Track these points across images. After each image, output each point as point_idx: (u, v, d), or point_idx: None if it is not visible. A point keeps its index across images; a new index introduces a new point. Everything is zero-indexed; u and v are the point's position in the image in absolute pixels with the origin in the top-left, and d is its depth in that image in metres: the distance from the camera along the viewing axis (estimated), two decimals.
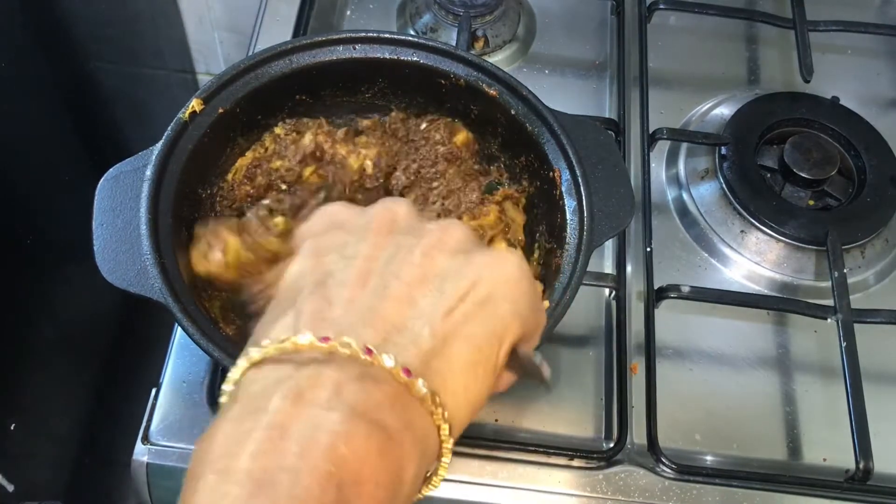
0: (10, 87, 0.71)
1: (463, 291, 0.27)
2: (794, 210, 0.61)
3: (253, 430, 0.23)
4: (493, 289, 0.28)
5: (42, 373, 0.77)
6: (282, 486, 0.22)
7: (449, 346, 0.26)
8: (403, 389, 0.25)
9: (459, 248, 0.29)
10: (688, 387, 0.56)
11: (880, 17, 0.78)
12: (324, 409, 0.23)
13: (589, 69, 0.72)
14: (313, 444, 0.23)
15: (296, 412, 0.23)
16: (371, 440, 0.23)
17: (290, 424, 0.23)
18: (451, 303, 0.27)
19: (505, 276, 0.28)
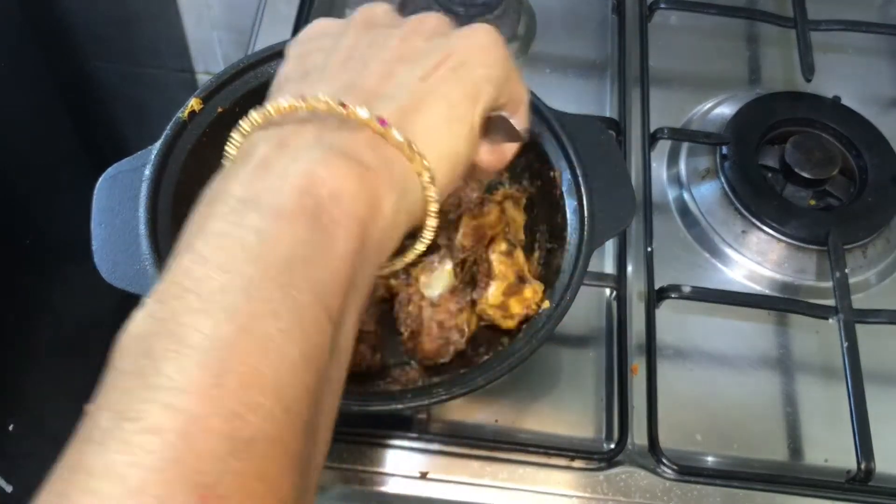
0: (9, 86, 0.71)
1: (438, 61, 0.29)
2: (795, 210, 0.61)
3: (241, 170, 0.26)
4: (467, 56, 0.29)
5: (41, 373, 0.77)
6: (264, 200, 0.25)
7: (424, 104, 0.28)
8: (380, 137, 0.27)
9: (437, 31, 0.30)
10: (689, 387, 0.56)
11: (882, 16, 0.78)
12: (304, 149, 0.26)
13: (589, 68, 0.71)
14: (294, 168, 0.25)
15: (279, 153, 0.26)
16: (348, 168, 0.25)
17: (274, 160, 0.26)
18: (426, 70, 0.28)
19: (478, 44, 0.30)
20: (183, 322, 0.22)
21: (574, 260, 0.48)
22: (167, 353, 0.21)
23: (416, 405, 0.43)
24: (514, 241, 0.52)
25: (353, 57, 0.29)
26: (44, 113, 0.80)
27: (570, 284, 0.46)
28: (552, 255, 0.52)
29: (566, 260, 0.49)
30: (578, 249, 0.48)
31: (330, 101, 0.26)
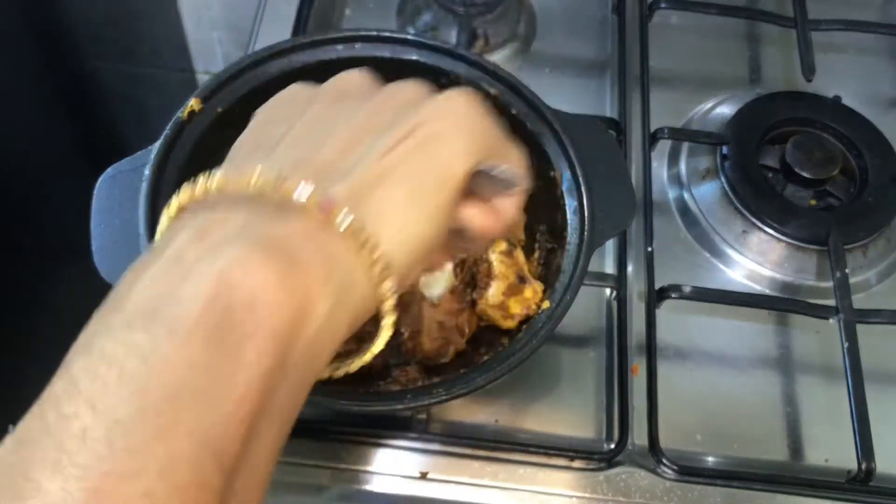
0: (9, 86, 0.71)
1: (406, 132, 0.25)
2: (795, 210, 0.61)
3: (152, 265, 0.22)
4: (439, 128, 0.25)
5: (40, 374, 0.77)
6: (162, 312, 0.20)
7: (384, 183, 0.24)
8: (322, 224, 0.23)
9: (409, 101, 0.26)
10: (689, 387, 0.55)
11: (882, 15, 0.77)
12: (224, 243, 0.22)
13: (590, 68, 0.71)
14: (205, 269, 0.21)
15: (196, 245, 0.22)
16: (269, 266, 0.21)
17: (187, 256, 0.22)
18: (391, 142, 0.25)
19: (453, 113, 0.26)
20: (30, 477, 0.18)
21: (574, 260, 0.48)
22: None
23: (416, 405, 0.43)
24: (514, 241, 0.52)
25: (315, 129, 0.26)
26: (43, 113, 0.80)
27: (571, 284, 0.46)
28: (552, 255, 0.52)
29: (566, 260, 0.48)
30: (579, 249, 0.48)
31: (267, 179, 0.23)
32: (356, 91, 0.28)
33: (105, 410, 0.19)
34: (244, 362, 0.20)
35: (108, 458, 0.18)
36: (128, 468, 0.18)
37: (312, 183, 0.23)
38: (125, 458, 0.18)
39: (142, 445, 0.19)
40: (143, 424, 0.19)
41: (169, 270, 0.22)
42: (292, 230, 0.22)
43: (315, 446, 0.51)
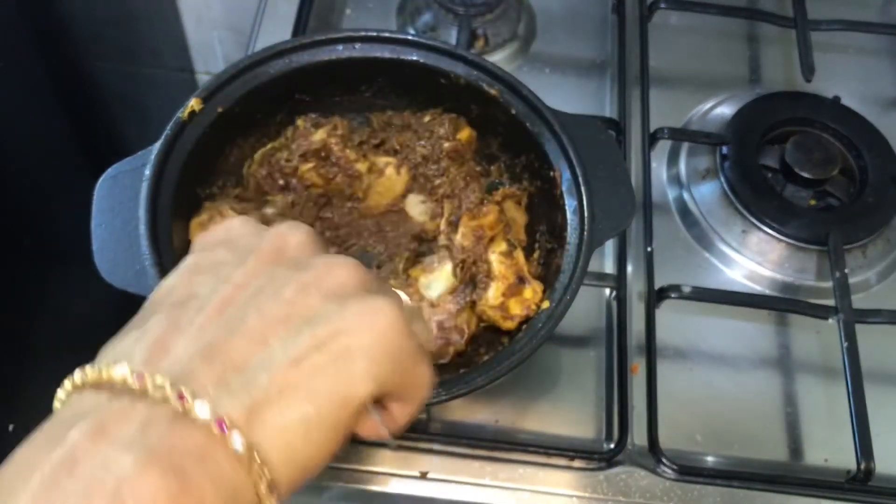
0: (9, 86, 0.71)
1: (319, 340, 0.25)
2: (795, 210, 0.61)
3: (44, 462, 0.22)
4: (354, 342, 0.25)
5: (40, 374, 0.76)
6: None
7: (285, 399, 0.24)
8: (217, 440, 0.23)
9: (338, 291, 0.26)
10: (689, 387, 0.56)
11: (882, 16, 0.77)
12: (120, 449, 0.22)
13: (589, 68, 0.71)
14: (98, 487, 0.21)
15: (91, 448, 0.22)
16: (161, 488, 0.21)
17: (81, 461, 0.22)
18: (301, 351, 0.24)
19: (373, 330, 0.25)
20: None
21: (574, 260, 0.48)
22: None
23: None
24: (514, 241, 0.52)
25: (236, 301, 0.25)
26: (44, 113, 0.80)
27: (570, 284, 0.46)
28: (552, 255, 0.52)
29: (566, 260, 0.49)
30: (578, 249, 0.48)
31: (169, 389, 0.23)
32: (291, 255, 0.27)
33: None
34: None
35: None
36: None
37: (212, 392, 0.23)
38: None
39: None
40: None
41: (61, 474, 0.21)
42: (187, 445, 0.22)
43: None
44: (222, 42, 0.97)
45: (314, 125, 0.56)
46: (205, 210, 0.51)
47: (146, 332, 0.25)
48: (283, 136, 0.56)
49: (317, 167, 0.53)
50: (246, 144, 0.55)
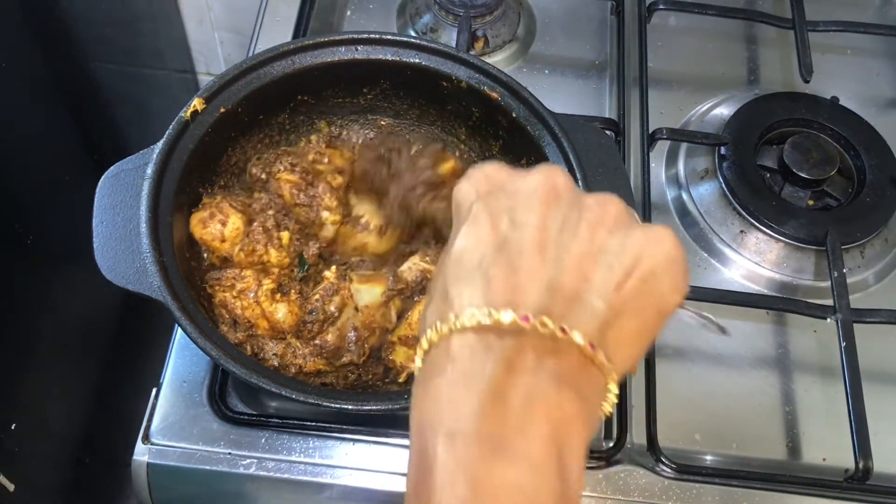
0: (11, 86, 0.71)
1: (628, 267, 0.30)
2: (793, 210, 0.61)
3: (475, 395, 0.27)
4: (655, 265, 0.30)
5: (42, 372, 0.77)
6: (513, 447, 0.26)
7: (620, 319, 0.29)
8: (588, 360, 0.28)
9: (617, 224, 0.31)
10: (687, 386, 0.56)
11: (880, 17, 0.78)
12: (533, 376, 0.27)
13: (589, 69, 0.72)
14: (533, 410, 0.27)
15: (510, 380, 0.27)
16: (575, 407, 0.27)
17: (508, 391, 0.27)
18: (619, 278, 0.29)
19: (664, 253, 0.30)
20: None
21: None
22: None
23: None
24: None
25: (547, 242, 0.30)
26: (46, 113, 0.80)
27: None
28: None
29: None
30: None
31: (552, 325, 0.28)
32: (566, 196, 0.32)
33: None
34: (574, 486, 0.27)
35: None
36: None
37: (570, 317, 0.28)
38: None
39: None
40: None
41: (497, 404, 0.27)
42: (573, 365, 0.28)
43: (315, 446, 0.51)
44: (223, 43, 0.98)
45: (326, 142, 0.56)
46: (204, 206, 0.52)
47: (490, 277, 0.29)
48: (304, 141, 0.57)
49: (293, 184, 0.53)
50: (248, 144, 0.56)
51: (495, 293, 0.29)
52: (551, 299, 0.29)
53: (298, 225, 0.53)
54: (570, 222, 0.31)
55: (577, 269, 0.29)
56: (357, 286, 0.51)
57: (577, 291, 0.29)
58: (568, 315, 0.28)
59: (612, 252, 0.30)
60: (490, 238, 0.31)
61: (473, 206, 0.32)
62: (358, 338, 0.50)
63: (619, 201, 0.32)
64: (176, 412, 0.52)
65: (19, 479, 0.69)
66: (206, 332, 0.44)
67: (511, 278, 0.29)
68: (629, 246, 0.30)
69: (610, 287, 0.29)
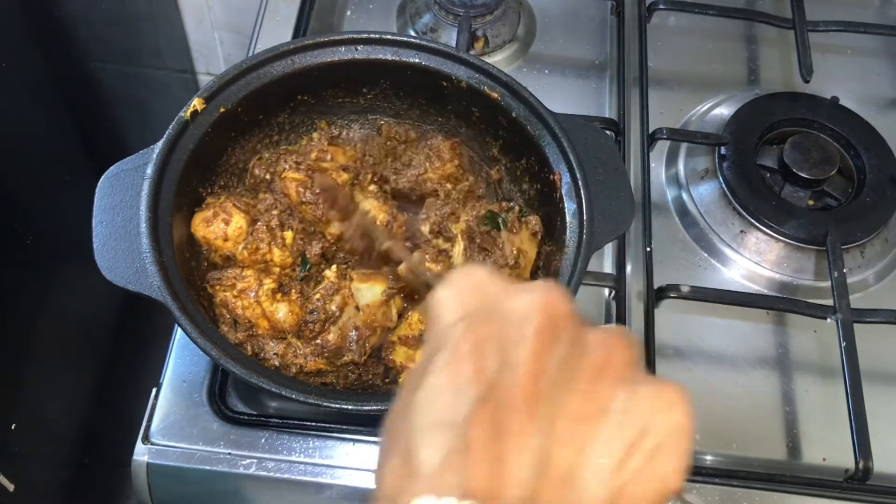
0: (11, 86, 0.71)
1: (631, 441, 0.25)
2: (793, 210, 0.61)
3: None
4: (662, 440, 0.26)
5: (42, 373, 0.77)
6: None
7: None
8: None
9: (624, 374, 0.26)
10: (688, 386, 0.54)
11: (880, 17, 0.78)
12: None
13: (589, 69, 0.72)
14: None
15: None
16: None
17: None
18: (620, 455, 0.25)
19: (674, 425, 0.26)
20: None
21: (572, 263, 0.48)
22: None
23: None
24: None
25: (540, 396, 0.25)
26: (46, 113, 0.80)
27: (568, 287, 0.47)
28: (551, 258, 0.52)
29: (564, 263, 0.49)
30: (577, 252, 0.48)
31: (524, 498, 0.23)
32: (566, 331, 0.26)
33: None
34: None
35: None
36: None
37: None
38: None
39: None
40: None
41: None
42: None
43: (315, 446, 0.51)
44: (223, 43, 0.98)
45: (328, 140, 0.56)
46: (208, 206, 0.52)
47: (469, 447, 0.24)
48: (305, 140, 0.57)
49: (298, 182, 0.53)
50: (248, 144, 0.56)
51: (474, 471, 0.23)
52: (539, 483, 0.24)
53: (302, 224, 0.53)
54: (568, 370, 0.25)
55: (572, 438, 0.24)
56: (358, 285, 0.51)
57: (570, 470, 0.24)
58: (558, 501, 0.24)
59: (615, 419, 0.25)
60: (472, 379, 0.25)
61: (456, 328, 0.26)
62: (359, 337, 0.50)
63: (627, 343, 0.27)
64: (176, 412, 0.52)
65: (19, 479, 0.69)
66: (205, 332, 0.44)
67: (493, 449, 0.24)
68: (635, 411, 0.25)
69: (608, 467, 0.25)
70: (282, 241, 0.51)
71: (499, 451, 0.24)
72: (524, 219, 0.54)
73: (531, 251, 0.53)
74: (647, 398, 0.26)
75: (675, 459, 0.26)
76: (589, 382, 0.25)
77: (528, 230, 0.53)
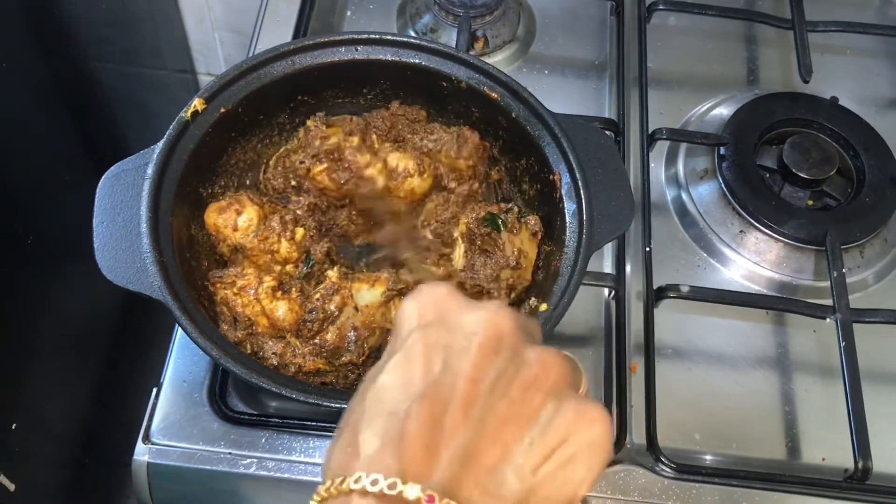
0: (11, 86, 0.71)
1: (550, 448, 0.28)
2: (793, 210, 0.61)
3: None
4: (578, 451, 0.28)
5: (42, 373, 0.77)
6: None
7: (530, 502, 0.27)
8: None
9: (554, 389, 0.29)
10: (687, 386, 0.56)
11: (879, 17, 0.78)
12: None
13: (588, 69, 0.72)
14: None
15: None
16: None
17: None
18: (537, 459, 0.28)
19: (590, 438, 0.29)
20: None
21: (572, 263, 0.48)
22: None
23: None
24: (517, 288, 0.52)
25: (475, 399, 0.28)
26: (46, 113, 0.80)
27: (568, 287, 0.47)
28: (551, 258, 0.52)
29: (564, 263, 0.49)
30: (577, 252, 0.48)
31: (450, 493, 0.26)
32: (508, 346, 0.30)
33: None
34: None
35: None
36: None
37: (478, 500, 0.27)
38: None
39: None
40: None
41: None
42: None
43: (315, 445, 0.51)
44: (223, 43, 0.98)
45: (325, 124, 0.56)
46: (224, 197, 0.52)
47: (406, 431, 0.27)
48: (296, 139, 0.57)
49: (328, 170, 0.53)
50: (248, 145, 0.56)
51: (407, 454, 0.27)
52: (464, 470, 0.27)
53: (316, 224, 0.54)
54: (504, 379, 0.29)
55: (498, 437, 0.28)
56: (357, 286, 0.51)
57: (493, 463, 0.27)
58: (480, 494, 0.27)
59: (539, 425, 0.28)
60: (418, 378, 0.29)
61: (411, 335, 0.30)
62: (358, 337, 0.50)
63: (563, 363, 0.30)
64: (176, 412, 0.52)
65: (20, 479, 0.69)
66: (206, 332, 0.44)
67: (427, 438, 0.27)
68: (557, 421, 0.28)
69: (527, 467, 0.27)
70: (292, 235, 0.52)
71: (431, 440, 0.27)
72: (523, 219, 0.54)
73: (532, 251, 0.53)
74: (571, 412, 0.29)
75: (585, 468, 0.28)
76: (521, 391, 0.29)
77: (527, 230, 0.53)
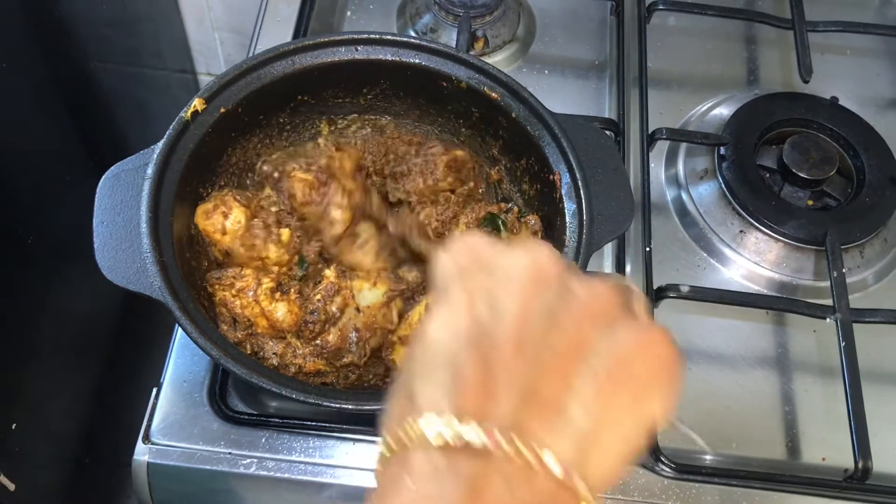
0: (11, 86, 0.71)
1: (614, 371, 0.27)
2: (793, 210, 0.61)
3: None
4: (644, 372, 0.27)
5: (43, 373, 0.77)
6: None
7: (601, 433, 0.26)
8: (564, 484, 0.25)
9: (604, 317, 0.28)
10: (687, 386, 0.56)
11: (879, 17, 0.78)
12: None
13: (588, 69, 0.72)
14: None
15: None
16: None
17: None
18: (602, 383, 0.26)
19: (656, 358, 0.27)
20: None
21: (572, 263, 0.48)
22: None
23: None
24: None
25: (526, 338, 0.27)
26: (46, 113, 0.80)
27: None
28: None
29: None
30: (577, 252, 0.48)
31: (522, 446, 0.25)
32: (551, 278, 0.29)
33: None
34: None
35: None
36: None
37: (547, 439, 0.25)
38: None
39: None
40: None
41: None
42: (544, 494, 0.25)
43: (315, 445, 0.51)
44: (224, 43, 0.98)
45: (336, 147, 0.56)
46: (210, 199, 0.52)
47: (459, 377, 0.26)
48: (304, 146, 0.57)
49: (308, 183, 0.53)
50: (248, 145, 0.56)
51: (463, 398, 0.26)
52: (527, 410, 0.25)
53: (300, 222, 0.53)
54: (555, 313, 0.27)
55: (557, 372, 0.26)
56: (358, 285, 0.51)
57: (556, 399, 0.26)
58: (544, 430, 0.25)
59: (598, 352, 0.27)
60: (464, 325, 0.27)
61: (451, 285, 0.29)
62: (359, 339, 0.50)
63: (613, 289, 0.29)
64: (176, 412, 0.52)
65: (20, 479, 0.69)
66: (206, 332, 0.44)
67: (483, 379, 0.26)
68: (617, 345, 0.27)
69: (591, 394, 0.26)
70: (277, 237, 0.51)
71: (488, 381, 0.26)
72: (523, 219, 0.54)
73: None
74: (630, 335, 0.27)
75: (655, 389, 0.27)
76: (572, 322, 0.27)
77: (527, 230, 0.53)
